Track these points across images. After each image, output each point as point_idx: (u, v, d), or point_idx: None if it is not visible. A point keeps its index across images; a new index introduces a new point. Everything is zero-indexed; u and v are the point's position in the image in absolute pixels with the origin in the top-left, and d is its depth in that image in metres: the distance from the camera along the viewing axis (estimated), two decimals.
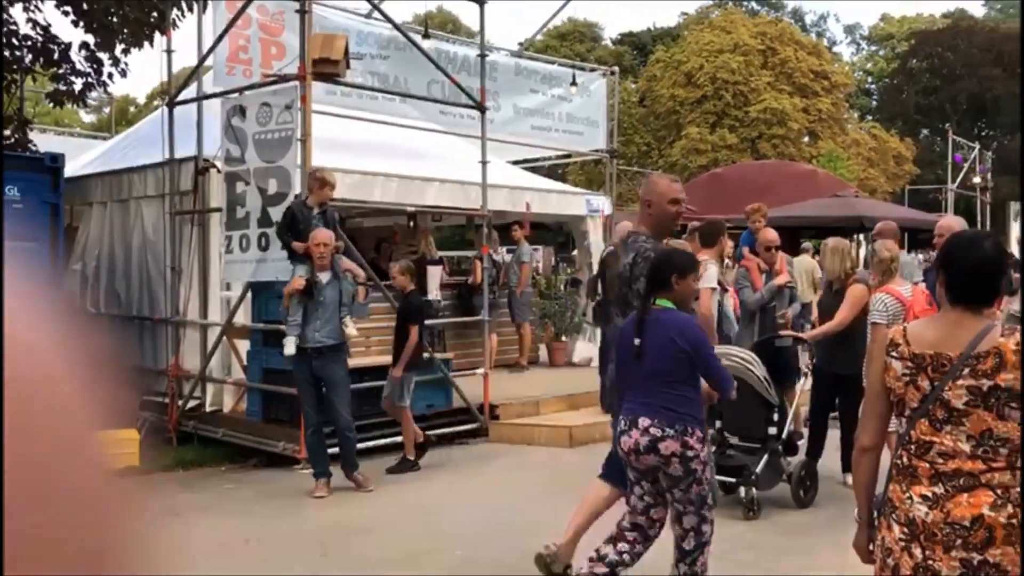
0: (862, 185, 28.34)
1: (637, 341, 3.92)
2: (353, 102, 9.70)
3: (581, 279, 12.77)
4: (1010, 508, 2.46)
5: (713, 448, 6.54)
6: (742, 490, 6.18)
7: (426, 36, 10.13)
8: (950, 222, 7.00)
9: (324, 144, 8.07)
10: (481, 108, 9.12)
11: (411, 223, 12.31)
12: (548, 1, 15.22)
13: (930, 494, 2.53)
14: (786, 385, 6.82)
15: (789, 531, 5.97)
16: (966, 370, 2.52)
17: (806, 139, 38.80)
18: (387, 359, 9.02)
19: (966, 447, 2.51)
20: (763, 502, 6.22)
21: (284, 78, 7.80)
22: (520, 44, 16.82)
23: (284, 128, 7.65)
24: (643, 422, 3.91)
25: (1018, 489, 2.49)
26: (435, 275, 10.72)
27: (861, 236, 17.22)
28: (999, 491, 2.47)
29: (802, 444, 6.86)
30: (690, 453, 3.89)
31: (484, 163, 9.09)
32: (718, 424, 6.56)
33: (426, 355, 8.60)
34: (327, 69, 7.54)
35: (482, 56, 9.44)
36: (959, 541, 2.47)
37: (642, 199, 4.64)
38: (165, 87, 9.28)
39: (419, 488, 7.07)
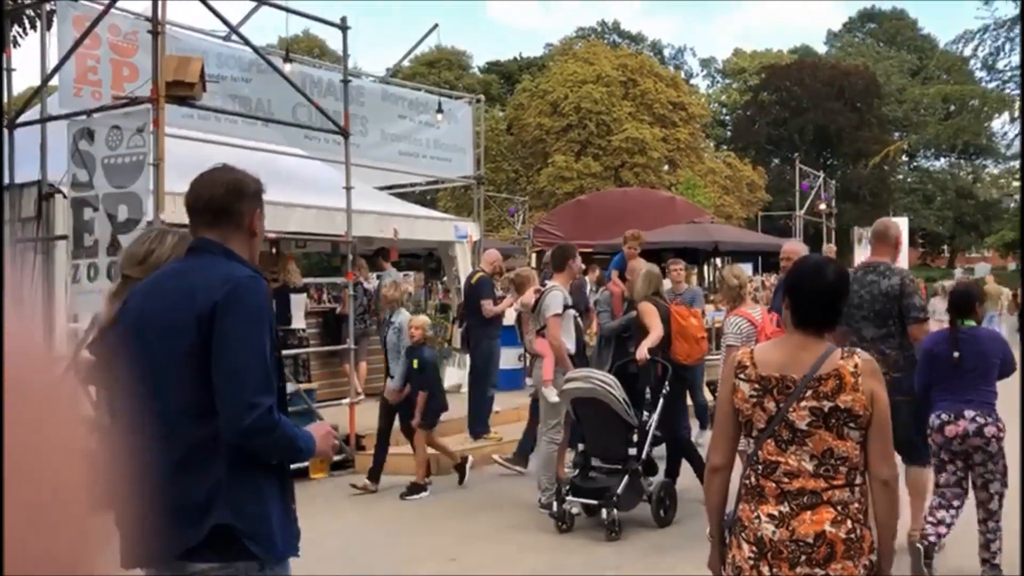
0: (718, 211, 29.57)
1: (956, 354, 5.01)
2: (212, 125, 9.40)
3: (450, 305, 12.73)
4: (849, 523, 2.57)
5: (575, 471, 6.62)
6: (604, 512, 6.26)
7: (287, 60, 9.95)
8: (795, 247, 7.35)
9: (180, 168, 7.74)
10: (344, 133, 9.01)
11: (273, 250, 12.00)
12: (414, 27, 15.27)
13: (776, 513, 2.62)
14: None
15: (650, 551, 6.09)
16: (809, 392, 2.62)
17: (666, 167, 40.14)
18: None
19: (809, 466, 2.61)
20: (625, 523, 6.32)
21: (136, 100, 7.49)
22: (387, 70, 16.79)
23: (136, 152, 7.33)
24: (968, 413, 4.97)
25: (856, 505, 2.61)
26: (299, 303, 10.47)
27: (718, 260, 17.93)
28: (839, 507, 2.58)
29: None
30: (1002, 435, 5.01)
31: (348, 188, 8.97)
32: (581, 447, 6.64)
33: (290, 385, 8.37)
34: (182, 92, 7.29)
35: (345, 81, 9.35)
36: (803, 557, 2.56)
37: (887, 236, 5.78)
38: (4, 108, 8.75)
39: None
